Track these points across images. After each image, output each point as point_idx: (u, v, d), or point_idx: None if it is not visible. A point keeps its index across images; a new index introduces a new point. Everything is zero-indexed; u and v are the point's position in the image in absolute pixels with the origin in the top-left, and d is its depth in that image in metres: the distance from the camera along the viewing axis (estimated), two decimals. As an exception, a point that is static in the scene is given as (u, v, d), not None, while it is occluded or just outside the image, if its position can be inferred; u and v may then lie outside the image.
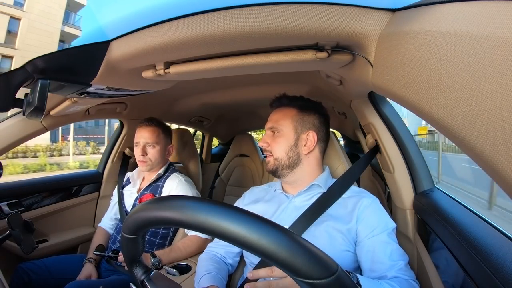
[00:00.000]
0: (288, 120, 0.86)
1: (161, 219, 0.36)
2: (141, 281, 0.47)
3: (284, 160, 0.84)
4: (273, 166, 0.86)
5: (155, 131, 1.31)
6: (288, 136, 0.85)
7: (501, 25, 0.27)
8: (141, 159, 1.28)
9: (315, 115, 0.89)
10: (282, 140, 0.85)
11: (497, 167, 0.28)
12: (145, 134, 1.29)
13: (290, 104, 0.89)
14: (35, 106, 0.67)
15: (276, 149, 0.85)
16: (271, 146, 0.86)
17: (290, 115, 0.87)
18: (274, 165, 0.86)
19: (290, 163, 0.85)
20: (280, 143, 0.85)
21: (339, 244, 0.75)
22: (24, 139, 1.15)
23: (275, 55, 0.65)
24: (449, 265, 0.63)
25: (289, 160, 0.84)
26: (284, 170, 0.85)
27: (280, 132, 0.86)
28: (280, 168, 0.85)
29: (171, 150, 1.41)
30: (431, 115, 0.37)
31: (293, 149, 0.85)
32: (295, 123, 0.86)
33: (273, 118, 0.89)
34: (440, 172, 6.46)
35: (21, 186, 1.37)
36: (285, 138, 0.85)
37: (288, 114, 0.87)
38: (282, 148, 0.85)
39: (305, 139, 0.86)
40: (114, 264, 1.22)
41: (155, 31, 0.62)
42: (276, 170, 0.86)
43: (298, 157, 0.85)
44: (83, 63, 0.75)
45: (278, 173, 0.87)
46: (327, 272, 0.30)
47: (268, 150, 0.87)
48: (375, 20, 0.51)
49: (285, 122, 0.86)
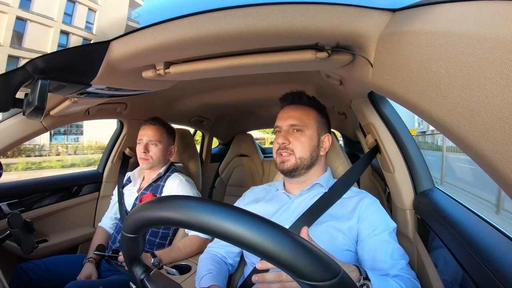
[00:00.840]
0: (312, 120, 0.87)
1: (162, 219, 0.36)
2: (141, 280, 0.47)
3: (307, 160, 0.84)
4: (294, 166, 0.84)
5: (159, 130, 1.32)
6: (312, 136, 0.85)
7: (501, 25, 0.27)
8: (142, 156, 1.29)
9: (327, 119, 0.92)
10: (306, 140, 0.84)
11: (497, 167, 0.28)
12: (149, 132, 1.30)
13: (310, 104, 0.90)
14: (35, 106, 0.67)
15: (300, 148, 0.84)
16: (294, 145, 0.84)
17: (313, 116, 0.87)
18: (295, 164, 0.84)
19: (311, 162, 0.85)
20: (304, 142, 0.84)
21: (340, 244, 0.75)
22: (24, 139, 1.15)
23: (275, 55, 0.65)
24: (449, 265, 0.63)
25: (311, 160, 0.85)
26: (303, 169, 0.85)
27: (305, 131, 0.85)
28: (300, 167, 0.84)
29: (173, 151, 1.41)
30: (431, 115, 0.37)
31: (316, 150, 0.86)
32: (317, 124, 0.87)
33: (295, 115, 0.86)
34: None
35: (21, 186, 1.37)
36: (309, 138, 0.85)
37: (311, 114, 0.88)
38: (306, 148, 0.84)
39: (323, 141, 0.88)
40: (114, 264, 1.22)
41: (155, 31, 0.62)
42: (296, 169, 0.84)
43: (317, 158, 0.86)
44: (83, 63, 0.75)
45: (296, 173, 0.85)
46: (330, 274, 0.30)
47: (289, 148, 0.84)
48: (375, 20, 0.51)
49: (310, 122, 0.86)
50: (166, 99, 1.57)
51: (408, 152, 0.91)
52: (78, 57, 0.74)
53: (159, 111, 1.64)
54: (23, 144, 6.05)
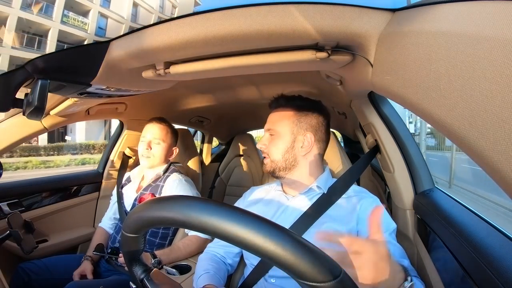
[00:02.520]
0: (285, 121, 0.86)
1: (163, 219, 0.36)
2: (141, 280, 0.47)
3: (280, 162, 0.84)
4: (270, 168, 0.86)
5: (164, 129, 1.34)
6: (284, 138, 0.85)
7: (501, 25, 0.27)
8: (145, 153, 1.29)
9: (313, 115, 0.87)
10: (278, 142, 0.85)
11: (497, 167, 0.28)
12: (154, 130, 1.32)
13: (287, 105, 0.88)
14: (35, 106, 0.67)
15: (273, 151, 0.85)
16: (268, 148, 0.86)
17: (287, 116, 0.86)
18: (271, 167, 0.86)
19: (286, 165, 0.84)
20: (276, 145, 0.85)
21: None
22: (24, 139, 1.15)
23: (275, 55, 0.65)
24: (449, 265, 0.63)
25: (286, 162, 0.84)
26: (281, 171, 0.85)
27: (277, 134, 0.86)
28: (277, 170, 0.85)
29: (174, 152, 1.41)
30: (431, 115, 0.37)
31: (290, 151, 0.84)
32: (292, 124, 0.85)
33: (271, 120, 0.89)
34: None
35: (21, 186, 1.37)
36: (281, 140, 0.85)
37: (285, 115, 0.87)
38: (278, 150, 0.84)
39: (302, 140, 0.85)
40: (114, 264, 1.22)
41: (155, 31, 0.62)
42: (274, 171, 0.86)
43: (294, 159, 0.85)
44: (83, 63, 0.75)
45: (276, 175, 0.87)
46: (331, 275, 0.30)
47: (266, 152, 0.87)
48: (375, 20, 0.51)
49: (282, 124, 0.86)
50: (166, 99, 1.57)
51: (408, 152, 0.91)
52: (78, 57, 0.74)
53: (159, 111, 1.64)
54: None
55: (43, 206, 1.43)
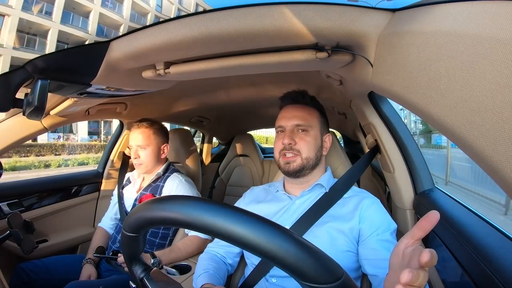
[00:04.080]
0: (315, 120, 0.87)
1: (163, 219, 0.36)
2: (141, 279, 0.47)
3: (313, 160, 0.84)
4: (300, 166, 0.83)
5: (145, 132, 1.30)
6: (317, 136, 0.86)
7: (501, 25, 0.27)
8: (135, 162, 1.30)
9: (326, 118, 0.93)
10: (311, 140, 0.85)
11: (497, 167, 0.28)
12: (136, 137, 1.29)
13: (313, 104, 0.90)
14: (35, 106, 0.67)
15: (306, 148, 0.83)
16: (300, 145, 0.83)
17: (316, 115, 0.88)
18: (301, 164, 0.83)
19: (316, 162, 0.86)
20: (310, 142, 0.84)
21: (340, 245, 0.75)
22: (24, 139, 1.15)
23: (275, 55, 0.65)
24: (449, 264, 0.63)
25: (316, 160, 0.85)
26: (308, 170, 0.85)
27: (310, 131, 0.85)
28: (306, 168, 0.84)
29: (166, 149, 1.38)
30: (431, 115, 0.37)
31: (320, 150, 0.86)
32: (320, 124, 0.88)
33: (299, 115, 0.86)
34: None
35: (21, 186, 1.37)
36: (314, 138, 0.85)
37: (314, 114, 0.88)
38: (312, 147, 0.84)
39: (325, 141, 0.89)
40: (114, 264, 1.22)
41: (155, 31, 0.62)
42: (302, 169, 0.83)
43: (320, 158, 0.87)
44: (83, 63, 0.75)
45: (302, 173, 0.84)
46: (333, 277, 0.30)
47: (295, 149, 0.83)
48: (375, 20, 0.51)
49: (314, 122, 0.87)
50: (166, 99, 1.57)
51: (408, 152, 0.91)
52: (78, 57, 0.74)
53: (159, 111, 1.64)
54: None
55: (43, 206, 1.43)
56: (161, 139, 1.36)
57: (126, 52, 0.69)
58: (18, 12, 13.61)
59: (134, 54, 0.68)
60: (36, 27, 14.40)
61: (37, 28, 14.53)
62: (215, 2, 4.24)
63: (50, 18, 14.84)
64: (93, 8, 16.33)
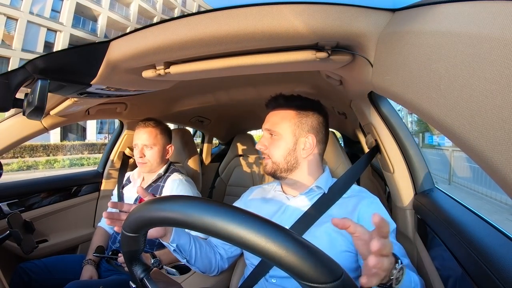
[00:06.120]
0: (286, 123, 0.84)
1: (163, 219, 0.36)
2: (141, 279, 0.47)
3: (282, 164, 0.83)
4: (271, 169, 0.84)
5: (153, 132, 1.30)
6: (287, 139, 0.83)
7: (501, 25, 0.27)
8: (139, 161, 1.28)
9: (314, 116, 0.86)
10: (280, 143, 0.83)
11: (497, 167, 0.28)
12: (143, 136, 1.29)
13: (287, 105, 0.86)
14: (35, 106, 0.67)
15: (274, 152, 0.83)
16: (269, 149, 0.84)
17: (288, 118, 0.84)
18: (272, 168, 0.84)
19: (288, 166, 0.83)
20: (278, 146, 0.83)
21: (339, 245, 0.75)
22: (24, 139, 1.15)
23: (275, 55, 0.65)
24: (449, 264, 0.63)
25: (287, 164, 0.83)
26: (283, 173, 0.84)
27: (278, 135, 0.84)
28: (279, 171, 0.84)
29: (170, 150, 1.39)
30: (431, 115, 0.37)
31: (292, 153, 0.83)
32: (294, 126, 0.83)
33: (270, 120, 0.86)
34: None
35: (21, 186, 1.37)
36: (284, 142, 0.83)
37: (286, 116, 0.85)
38: (280, 152, 0.83)
39: (304, 142, 0.84)
40: (114, 264, 1.22)
41: (155, 31, 0.62)
42: (275, 173, 0.85)
43: (296, 160, 0.84)
44: (83, 63, 0.75)
45: (277, 176, 0.86)
46: (333, 276, 0.30)
47: (266, 153, 0.85)
48: (375, 20, 0.51)
49: (283, 125, 0.84)
50: (166, 99, 1.57)
51: (408, 152, 0.91)
52: (78, 57, 0.74)
53: (159, 111, 1.64)
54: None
55: (43, 206, 1.43)
56: (166, 139, 1.37)
57: (126, 52, 0.69)
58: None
59: (134, 54, 0.68)
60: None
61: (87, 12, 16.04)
62: (215, 2, 4.25)
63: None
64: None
